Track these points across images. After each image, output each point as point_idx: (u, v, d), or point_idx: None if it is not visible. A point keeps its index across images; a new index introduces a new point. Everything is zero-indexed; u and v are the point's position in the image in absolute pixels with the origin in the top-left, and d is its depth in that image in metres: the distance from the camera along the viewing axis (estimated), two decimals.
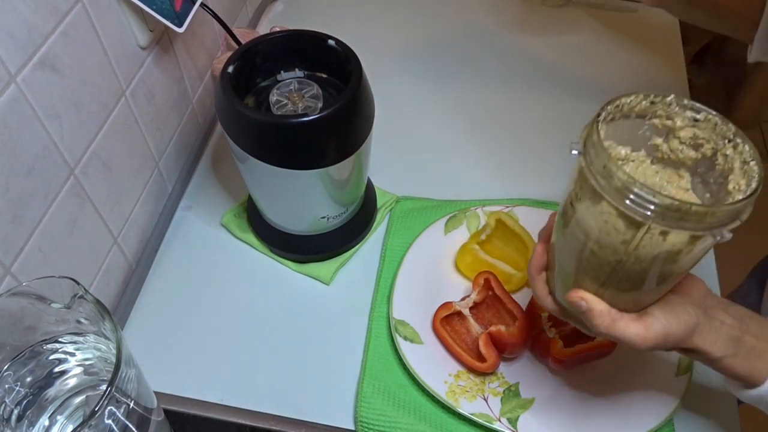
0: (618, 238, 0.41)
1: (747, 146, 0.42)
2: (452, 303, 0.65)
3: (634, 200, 0.38)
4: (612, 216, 0.40)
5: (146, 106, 0.71)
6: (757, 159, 0.41)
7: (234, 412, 0.62)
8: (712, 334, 0.47)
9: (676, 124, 0.45)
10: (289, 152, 0.59)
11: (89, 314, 0.45)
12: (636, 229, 0.40)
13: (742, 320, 0.48)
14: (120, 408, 0.42)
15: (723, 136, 0.43)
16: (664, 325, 0.45)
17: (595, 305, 0.46)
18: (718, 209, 0.38)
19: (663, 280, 0.44)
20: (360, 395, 0.61)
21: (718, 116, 0.43)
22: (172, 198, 0.79)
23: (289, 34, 0.64)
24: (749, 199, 0.39)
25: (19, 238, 0.54)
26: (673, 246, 0.40)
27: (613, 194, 0.39)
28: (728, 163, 0.43)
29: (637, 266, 0.42)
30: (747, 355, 0.47)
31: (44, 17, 0.53)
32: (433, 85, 0.94)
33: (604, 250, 0.43)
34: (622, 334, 0.46)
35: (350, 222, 0.72)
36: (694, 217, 0.38)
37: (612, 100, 0.44)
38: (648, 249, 0.41)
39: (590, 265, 0.45)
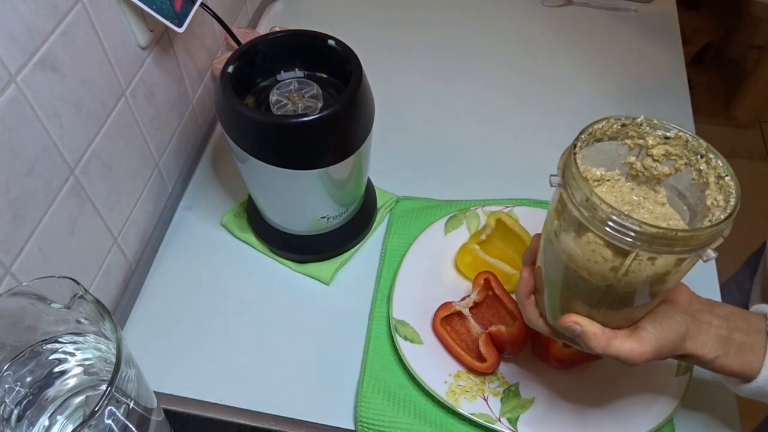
0: (606, 266, 0.42)
1: (720, 161, 0.43)
2: (452, 303, 0.65)
3: (620, 231, 0.39)
4: (599, 245, 0.41)
5: (146, 106, 0.71)
6: (732, 174, 0.42)
7: (234, 412, 0.62)
8: (702, 338, 0.48)
9: (648, 142, 0.46)
10: (289, 152, 0.59)
11: (89, 314, 0.45)
12: (624, 256, 0.41)
13: (728, 319, 0.49)
14: (120, 408, 0.42)
15: (695, 152, 0.44)
16: (656, 337, 0.46)
17: (588, 328, 0.47)
18: (702, 232, 0.39)
19: (652, 297, 0.45)
20: (360, 395, 0.61)
21: (688, 133, 0.44)
22: (172, 198, 0.79)
23: (289, 34, 0.64)
24: (730, 217, 0.40)
25: (19, 238, 0.54)
26: (661, 268, 0.41)
27: (599, 226, 0.40)
28: (702, 177, 0.44)
29: (627, 289, 0.43)
30: (738, 351, 0.48)
31: (44, 17, 0.53)
32: (433, 85, 0.94)
33: (594, 277, 0.43)
34: (617, 352, 0.47)
35: (350, 222, 0.72)
36: (680, 242, 0.39)
37: (585, 128, 0.45)
38: (637, 274, 0.41)
39: (580, 290, 0.46)
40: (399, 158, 0.84)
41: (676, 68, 0.96)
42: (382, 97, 0.69)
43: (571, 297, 0.47)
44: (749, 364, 0.48)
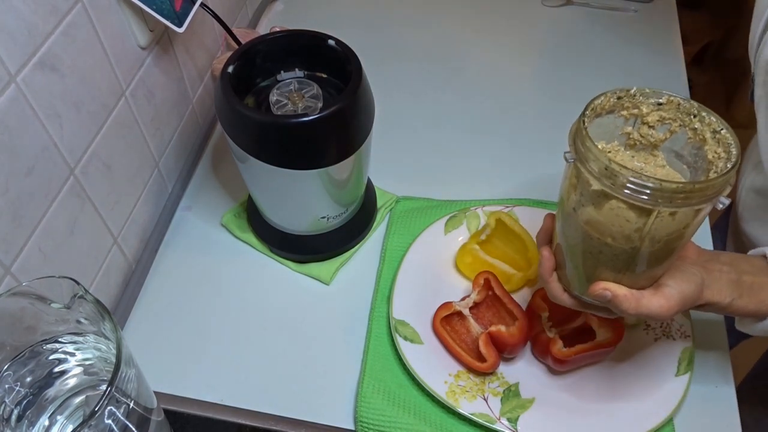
0: (631, 227, 0.44)
1: (713, 117, 0.46)
2: (452, 303, 0.65)
3: (643, 192, 0.42)
4: (623, 210, 0.44)
5: (146, 106, 0.71)
6: (727, 126, 0.46)
7: (234, 412, 0.62)
8: (716, 285, 0.51)
9: (642, 111, 0.49)
10: (289, 152, 0.59)
11: (89, 314, 0.45)
12: (647, 216, 0.43)
13: (733, 264, 0.53)
14: (120, 408, 0.42)
15: (687, 113, 0.48)
16: (679, 291, 0.50)
17: (618, 291, 0.50)
18: (716, 182, 0.42)
19: (672, 253, 0.48)
20: (360, 395, 0.61)
21: (680, 97, 0.48)
22: (172, 198, 0.79)
23: (289, 34, 0.64)
24: (736, 166, 0.43)
25: (19, 238, 0.54)
26: (681, 222, 0.44)
27: (621, 191, 0.43)
28: (698, 135, 0.47)
29: (651, 248, 0.46)
30: (750, 292, 0.52)
31: (44, 17, 0.53)
32: (434, 85, 0.94)
33: (618, 241, 0.46)
34: (648, 310, 0.50)
35: (350, 222, 0.72)
36: (698, 193, 0.42)
37: (588, 104, 0.48)
38: (660, 230, 0.44)
39: (606, 258, 0.48)
40: (399, 158, 0.84)
41: (676, 68, 0.96)
42: (382, 97, 0.69)
43: (597, 266, 0.50)
44: (763, 302, 0.52)
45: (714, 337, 0.66)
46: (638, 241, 0.45)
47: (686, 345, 0.63)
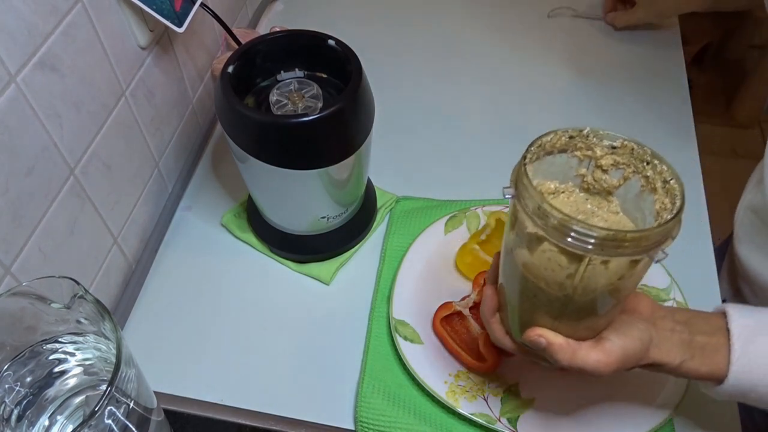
0: (563, 274, 0.42)
1: (665, 166, 0.44)
2: (452, 303, 0.65)
3: (573, 236, 0.40)
4: (554, 253, 0.42)
5: (146, 106, 0.71)
6: (677, 177, 0.44)
7: (234, 412, 0.62)
8: (666, 345, 0.48)
9: (596, 153, 0.47)
10: (289, 152, 0.59)
11: (89, 314, 0.45)
12: (578, 262, 0.41)
13: (688, 323, 0.49)
14: (120, 408, 0.42)
15: (641, 159, 0.46)
16: (621, 347, 0.47)
17: (554, 340, 0.47)
18: (651, 232, 0.39)
19: (612, 304, 0.46)
20: (360, 395, 0.61)
21: (634, 141, 0.46)
22: (172, 198, 0.79)
23: (289, 34, 0.64)
24: (677, 217, 0.41)
25: (19, 238, 0.54)
26: (616, 272, 0.41)
27: (552, 233, 0.41)
28: (650, 183, 0.45)
29: (585, 297, 0.44)
30: (702, 353, 0.48)
31: (44, 17, 0.53)
32: (434, 85, 0.94)
33: (552, 287, 0.44)
34: (584, 363, 0.47)
35: (350, 222, 0.72)
36: (631, 243, 0.39)
37: (534, 141, 0.46)
38: (592, 279, 0.42)
39: (541, 302, 0.46)
40: (399, 158, 0.84)
41: (676, 68, 0.96)
42: (382, 97, 0.69)
43: (534, 310, 0.48)
44: (717, 365, 0.48)
45: None
46: (571, 288, 0.43)
47: None
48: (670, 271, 0.68)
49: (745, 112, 2.10)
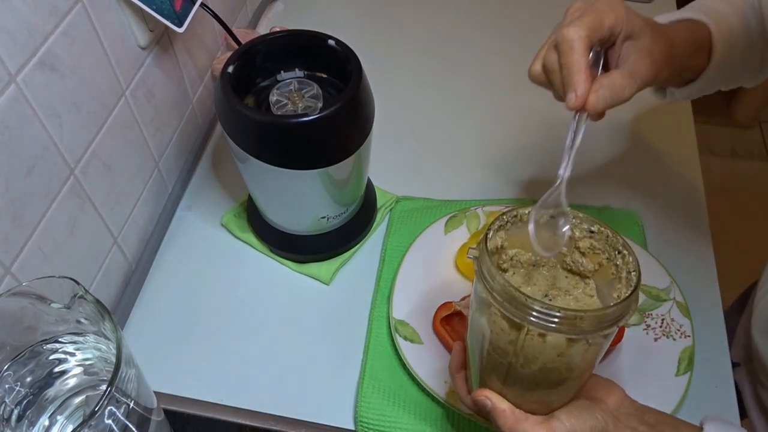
0: (506, 338, 0.43)
1: (631, 258, 0.44)
2: (452, 303, 0.65)
3: (510, 302, 0.41)
4: (498, 317, 0.42)
5: (146, 106, 0.71)
6: (638, 270, 0.44)
7: (234, 412, 0.62)
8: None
9: (575, 234, 0.47)
10: (289, 152, 0.59)
11: (89, 314, 0.45)
12: (518, 330, 0.42)
13: (656, 427, 0.47)
14: (120, 408, 0.42)
15: (614, 247, 0.46)
16: (568, 428, 0.45)
17: (498, 404, 0.46)
18: (588, 314, 0.39)
19: (560, 383, 0.45)
20: (360, 395, 0.61)
21: (609, 229, 0.46)
22: (172, 198, 0.79)
23: (289, 34, 0.64)
24: (621, 304, 0.40)
25: (19, 238, 0.54)
26: (554, 348, 0.41)
27: (496, 296, 0.42)
28: (618, 273, 0.45)
29: (528, 368, 0.44)
30: None
31: (44, 17, 0.53)
32: (434, 85, 0.94)
33: (497, 351, 0.45)
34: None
35: (350, 222, 0.72)
36: (565, 321, 0.39)
37: (509, 210, 0.47)
38: (532, 350, 0.42)
39: (490, 365, 0.46)
40: (399, 158, 0.84)
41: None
42: (382, 97, 0.69)
43: (485, 371, 0.48)
44: None
45: (714, 337, 0.66)
46: (513, 356, 0.43)
47: (686, 345, 0.63)
48: (670, 271, 0.68)
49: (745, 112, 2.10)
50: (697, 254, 0.73)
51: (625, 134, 0.86)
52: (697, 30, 0.58)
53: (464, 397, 0.52)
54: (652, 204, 0.78)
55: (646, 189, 0.80)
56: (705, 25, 0.59)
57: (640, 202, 0.78)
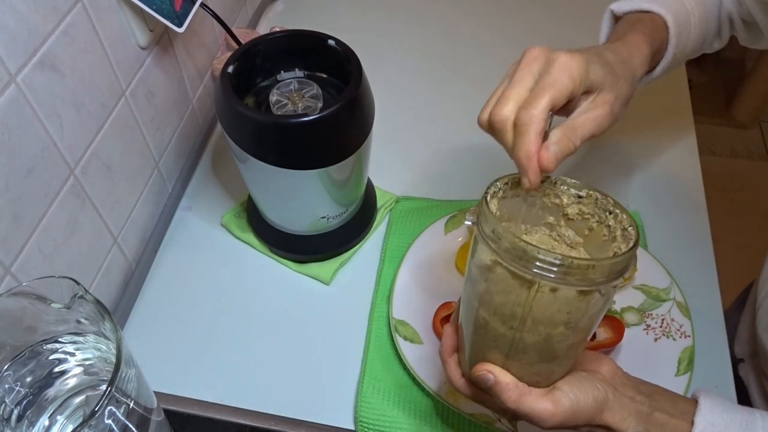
0: (513, 301, 0.42)
1: (625, 215, 0.45)
2: (452, 303, 0.65)
3: (522, 258, 0.40)
4: (506, 278, 0.42)
5: (146, 106, 0.71)
6: (634, 225, 0.44)
7: (234, 412, 0.62)
8: (621, 411, 0.46)
9: (563, 201, 0.48)
10: (289, 152, 0.59)
11: (89, 314, 0.45)
12: (528, 288, 0.41)
13: (652, 397, 0.47)
14: (120, 408, 0.42)
15: (604, 209, 0.46)
16: (572, 400, 0.45)
17: (502, 378, 0.46)
18: (599, 263, 0.39)
19: (562, 351, 0.45)
20: (360, 395, 0.61)
21: (598, 191, 0.46)
22: (172, 198, 0.79)
23: (289, 34, 0.64)
24: (628, 253, 0.41)
25: (19, 238, 0.54)
26: (565, 304, 0.41)
27: (504, 255, 0.41)
28: (612, 233, 0.45)
29: (533, 335, 0.43)
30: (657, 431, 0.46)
31: (44, 17, 0.53)
32: (434, 85, 0.94)
33: (502, 319, 0.44)
34: (530, 409, 0.45)
35: (350, 222, 0.72)
36: (578, 271, 0.39)
37: (501, 177, 0.47)
38: (542, 310, 0.42)
39: (491, 339, 0.45)
40: (399, 158, 0.84)
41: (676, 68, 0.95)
42: (382, 97, 0.69)
43: (486, 347, 0.47)
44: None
45: (714, 337, 0.66)
46: (520, 321, 0.43)
47: (686, 345, 0.63)
48: (670, 271, 0.68)
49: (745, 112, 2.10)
50: (697, 254, 0.73)
51: (625, 134, 0.86)
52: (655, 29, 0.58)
53: (457, 382, 0.50)
54: (652, 204, 0.78)
55: (646, 189, 0.80)
56: (662, 19, 0.58)
57: (640, 202, 0.78)
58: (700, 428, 0.45)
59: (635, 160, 0.83)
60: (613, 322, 0.63)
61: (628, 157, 0.84)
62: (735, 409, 0.46)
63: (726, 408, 0.46)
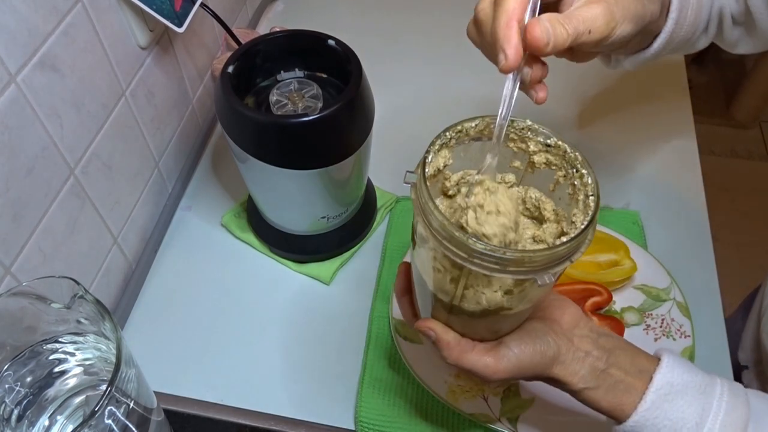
0: (446, 276, 0.39)
1: (590, 179, 0.40)
2: None
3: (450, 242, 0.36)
4: (439, 253, 0.38)
5: (146, 106, 0.71)
6: (597, 194, 0.40)
7: (234, 412, 0.62)
8: (574, 365, 0.45)
9: (530, 147, 0.44)
10: (289, 152, 0.59)
11: (89, 314, 0.45)
12: (460, 270, 0.38)
13: (611, 352, 0.45)
14: (120, 408, 0.42)
15: (572, 164, 0.42)
16: (516, 355, 0.43)
17: (442, 336, 0.44)
18: (536, 255, 0.36)
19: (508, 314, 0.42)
20: (360, 395, 0.61)
21: (567, 144, 0.42)
22: (172, 198, 0.79)
23: (289, 34, 0.64)
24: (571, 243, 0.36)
25: (19, 238, 0.54)
26: (500, 288, 0.38)
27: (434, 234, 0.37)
28: (577, 194, 0.42)
29: (473, 304, 0.40)
30: (611, 388, 0.45)
31: (44, 17, 0.53)
32: (434, 85, 0.94)
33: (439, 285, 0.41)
34: (471, 365, 0.44)
35: (350, 222, 0.72)
36: (512, 263, 0.36)
37: (451, 126, 0.42)
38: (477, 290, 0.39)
39: (432, 296, 0.43)
40: (399, 158, 0.84)
41: (676, 68, 0.96)
42: (382, 97, 0.69)
43: (429, 302, 0.45)
44: (620, 405, 0.44)
45: (714, 337, 0.66)
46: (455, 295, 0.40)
47: (686, 345, 0.63)
48: (670, 271, 0.68)
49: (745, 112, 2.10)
50: (697, 254, 0.73)
51: (625, 134, 0.86)
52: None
53: (409, 321, 0.49)
54: (652, 204, 0.78)
55: (646, 189, 0.80)
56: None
57: (640, 202, 0.78)
58: (657, 386, 0.44)
59: (635, 160, 0.83)
60: (613, 322, 0.63)
61: (628, 157, 0.84)
62: (696, 372, 0.45)
63: (687, 369, 0.45)
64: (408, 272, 0.49)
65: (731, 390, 0.44)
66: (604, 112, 0.90)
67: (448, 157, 0.43)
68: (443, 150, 0.42)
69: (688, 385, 0.44)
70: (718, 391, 0.43)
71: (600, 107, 0.91)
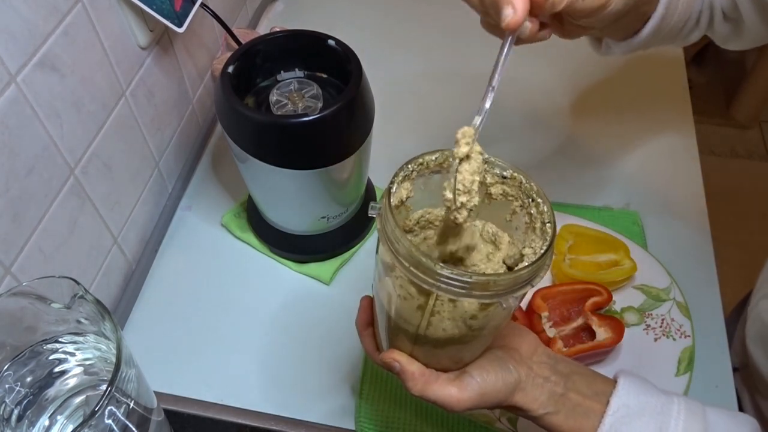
0: (413, 304, 0.40)
1: (545, 207, 0.42)
2: None
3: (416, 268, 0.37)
4: (405, 281, 0.39)
5: (146, 106, 0.71)
6: (553, 221, 0.41)
7: (234, 412, 0.62)
8: (533, 392, 0.45)
9: (487, 180, 0.45)
10: (289, 152, 0.59)
11: (89, 314, 0.45)
12: (427, 296, 0.39)
13: (569, 377, 0.46)
14: (120, 408, 0.42)
15: (527, 194, 0.43)
16: (479, 384, 0.44)
17: (407, 367, 0.45)
18: (500, 279, 0.37)
19: (472, 340, 0.43)
20: (360, 395, 0.61)
21: (522, 174, 0.44)
22: (172, 198, 0.79)
23: (289, 34, 0.64)
24: (534, 265, 0.38)
25: (19, 238, 0.54)
26: (466, 312, 0.39)
27: (401, 261, 0.38)
28: (533, 222, 0.43)
29: (439, 331, 0.41)
30: (571, 412, 0.45)
31: (44, 17, 0.53)
32: (434, 85, 0.94)
33: (405, 313, 0.42)
34: (436, 397, 0.44)
35: (350, 222, 0.72)
36: (478, 287, 0.37)
37: (414, 158, 0.44)
38: (443, 315, 0.40)
39: (398, 324, 0.44)
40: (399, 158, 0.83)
41: (676, 68, 0.96)
42: (382, 97, 0.69)
43: (393, 333, 0.45)
44: (580, 429, 0.45)
45: (714, 337, 0.66)
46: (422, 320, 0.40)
47: (686, 345, 0.63)
48: (670, 271, 0.68)
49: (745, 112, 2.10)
50: (697, 254, 0.73)
51: (625, 134, 0.86)
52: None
53: (372, 355, 0.49)
54: (652, 204, 0.78)
55: (646, 189, 0.80)
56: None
57: (640, 202, 0.78)
58: (614, 409, 0.44)
59: (635, 160, 0.83)
60: (613, 322, 0.63)
61: (628, 158, 0.84)
62: (652, 392, 0.46)
63: (644, 390, 0.45)
64: (370, 306, 0.50)
65: (688, 408, 0.44)
66: (604, 112, 0.90)
67: (410, 190, 0.44)
68: (405, 182, 0.43)
69: (644, 406, 0.44)
70: (675, 410, 0.44)
71: (600, 107, 0.91)
